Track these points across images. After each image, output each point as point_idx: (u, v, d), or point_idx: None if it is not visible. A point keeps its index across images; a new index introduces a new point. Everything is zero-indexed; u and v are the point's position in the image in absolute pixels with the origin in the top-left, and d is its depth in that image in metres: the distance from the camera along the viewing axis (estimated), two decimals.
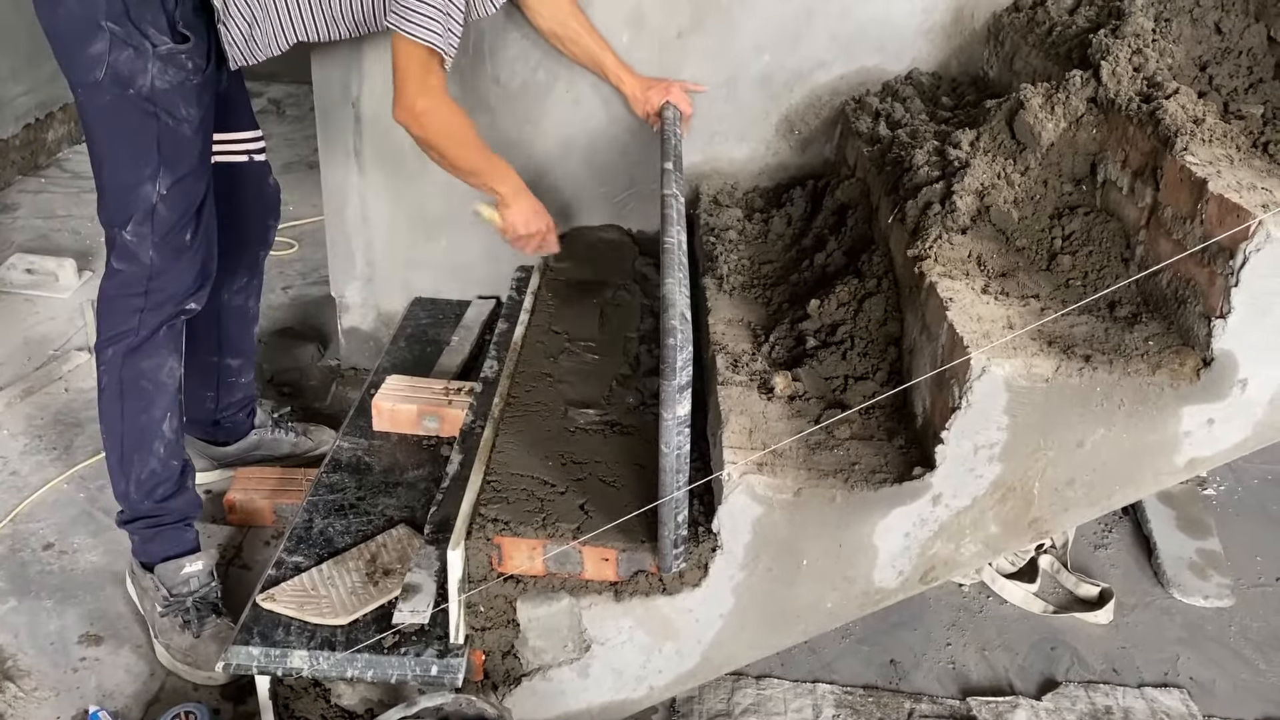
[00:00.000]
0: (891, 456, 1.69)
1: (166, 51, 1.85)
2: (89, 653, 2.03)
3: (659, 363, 1.48)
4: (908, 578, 1.70)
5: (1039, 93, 1.92)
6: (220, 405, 2.41)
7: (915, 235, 1.86)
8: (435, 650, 1.71)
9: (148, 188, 1.91)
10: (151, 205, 1.92)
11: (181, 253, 1.97)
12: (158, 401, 2.00)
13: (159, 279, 1.96)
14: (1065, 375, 1.53)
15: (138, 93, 1.85)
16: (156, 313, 1.97)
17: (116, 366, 1.98)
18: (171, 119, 1.89)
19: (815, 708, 1.97)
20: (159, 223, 1.93)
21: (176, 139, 1.91)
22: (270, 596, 1.80)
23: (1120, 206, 1.79)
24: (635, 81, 2.47)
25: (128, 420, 1.99)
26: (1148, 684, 2.08)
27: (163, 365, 2.00)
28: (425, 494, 2.10)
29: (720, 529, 1.66)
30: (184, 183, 1.94)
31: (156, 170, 1.90)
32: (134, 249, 1.94)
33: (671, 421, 1.49)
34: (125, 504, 2.04)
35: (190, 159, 1.94)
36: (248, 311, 2.42)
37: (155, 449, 2.00)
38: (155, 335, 1.97)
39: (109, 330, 1.98)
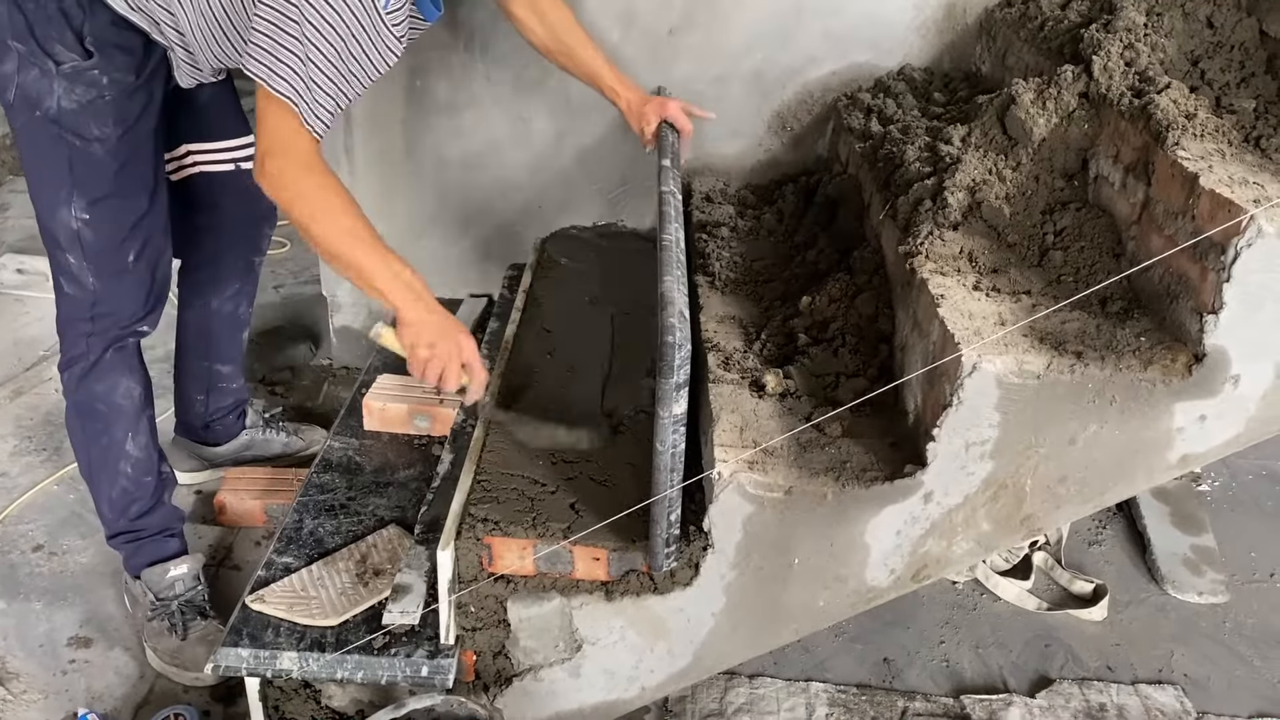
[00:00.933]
0: (883, 454, 1.68)
1: (71, 70, 1.75)
2: (78, 655, 2.02)
3: (656, 361, 1.46)
4: (900, 576, 1.69)
5: (1030, 88, 1.91)
6: (211, 409, 2.40)
7: (906, 232, 1.85)
8: (426, 651, 1.70)
9: (64, 212, 1.84)
10: (73, 230, 1.85)
11: (123, 275, 1.90)
12: (116, 423, 1.97)
13: (104, 303, 1.91)
14: (1057, 372, 1.52)
15: (45, 114, 1.77)
16: (103, 337, 1.93)
17: (72, 390, 1.97)
18: (79, 139, 1.79)
19: (808, 706, 1.96)
20: (88, 247, 1.86)
21: (88, 161, 1.81)
22: (260, 598, 1.79)
23: (1112, 202, 1.78)
24: (632, 96, 2.26)
25: (90, 443, 1.98)
26: (1142, 681, 2.08)
27: (115, 388, 1.96)
28: (416, 494, 2.09)
29: (711, 528, 1.65)
30: (105, 205, 1.85)
31: (70, 194, 1.83)
32: (76, 273, 1.88)
33: (668, 420, 1.48)
34: (103, 521, 2.04)
35: (104, 181, 1.84)
36: (238, 318, 2.38)
37: (122, 469, 1.99)
38: (102, 358, 1.94)
39: (65, 354, 1.97)
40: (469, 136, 2.67)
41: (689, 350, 1.44)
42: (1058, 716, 1.96)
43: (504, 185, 2.74)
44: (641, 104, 2.24)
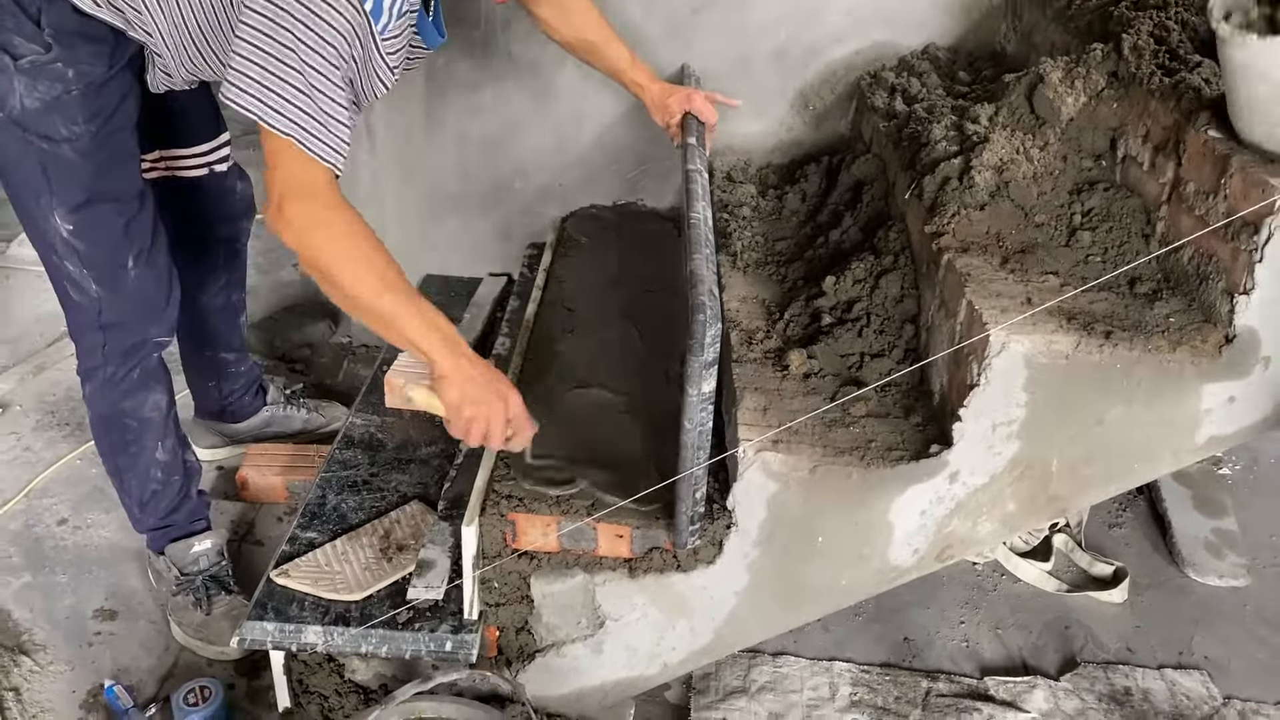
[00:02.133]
0: (908, 434, 1.68)
1: (30, 65, 1.59)
2: (104, 627, 2.04)
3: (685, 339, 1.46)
4: (923, 555, 1.69)
5: (1059, 67, 1.89)
6: (225, 393, 2.40)
7: (933, 211, 1.84)
8: (449, 626, 1.71)
9: (50, 220, 1.72)
10: (63, 239, 1.73)
11: (125, 283, 1.80)
12: (146, 435, 1.94)
13: (110, 311, 1.82)
14: (1085, 352, 1.51)
15: (8, 116, 1.62)
16: (119, 347, 1.86)
17: (96, 403, 1.91)
18: (47, 142, 1.65)
19: (832, 686, 1.97)
20: (84, 256, 1.75)
21: (61, 165, 1.67)
22: (284, 572, 1.80)
23: (1141, 182, 1.77)
24: (656, 89, 2.18)
25: (118, 451, 1.95)
26: (1165, 665, 2.07)
27: (143, 404, 1.92)
28: (438, 470, 2.09)
29: (735, 506, 1.65)
30: (90, 211, 1.72)
31: (50, 202, 1.70)
32: (79, 280, 1.79)
33: (696, 398, 1.48)
34: (131, 519, 2.05)
35: (83, 184, 1.70)
36: (232, 305, 2.33)
37: (152, 474, 1.97)
38: (130, 374, 1.88)
39: (83, 363, 1.90)
40: (489, 115, 2.66)
41: (719, 329, 1.44)
42: (1082, 699, 1.96)
43: (524, 164, 2.73)
44: (665, 96, 2.17)
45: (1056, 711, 1.94)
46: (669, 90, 2.18)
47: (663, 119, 2.20)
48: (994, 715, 1.92)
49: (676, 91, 2.18)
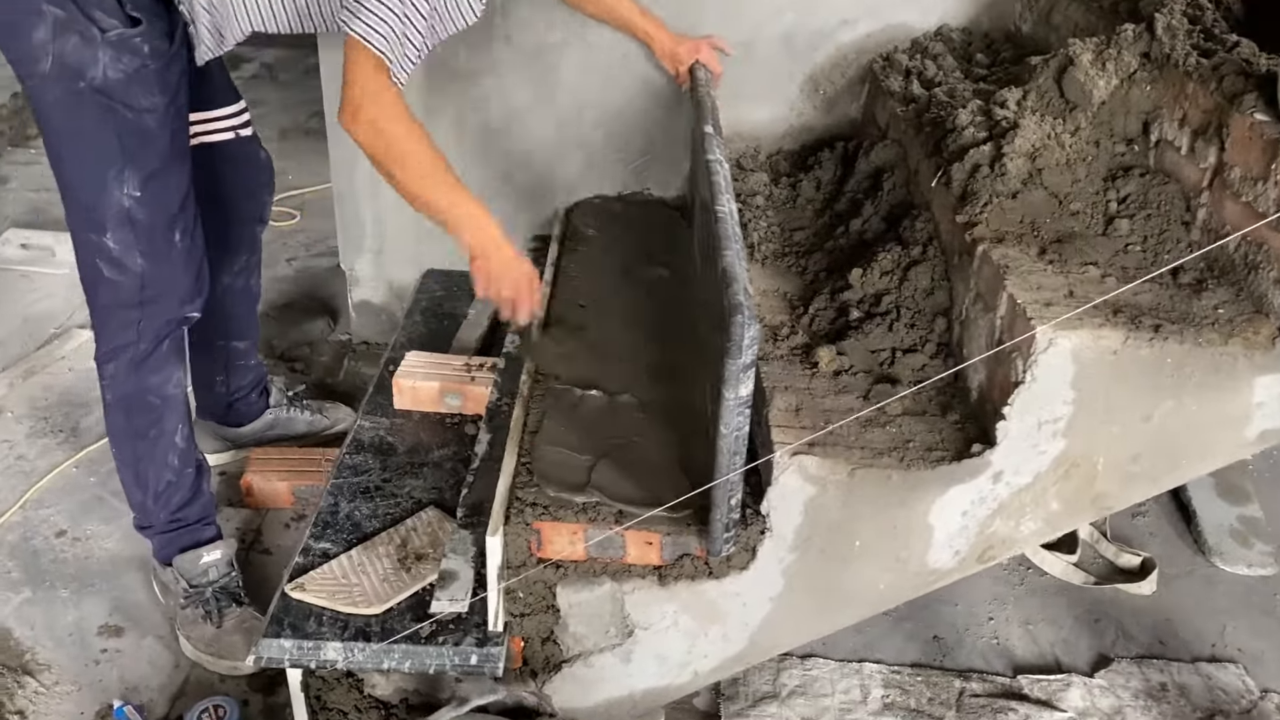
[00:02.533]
0: (947, 433, 1.62)
1: (117, 37, 1.64)
2: (110, 644, 1.97)
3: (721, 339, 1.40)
4: (964, 557, 1.64)
5: (1089, 48, 1.83)
6: (232, 389, 2.34)
7: (963, 200, 1.78)
8: (474, 639, 1.65)
9: (115, 191, 1.73)
10: (124, 209, 1.74)
11: (171, 255, 1.82)
12: (168, 415, 1.90)
13: (152, 285, 1.81)
14: (1134, 346, 1.46)
15: (90, 85, 1.65)
16: (155, 322, 1.84)
17: (121, 382, 1.87)
18: (130, 111, 1.69)
19: (863, 688, 1.92)
20: (139, 228, 1.76)
21: (140, 132, 1.72)
22: (299, 586, 1.74)
23: (1178, 167, 1.71)
24: (666, 37, 2.35)
25: (138, 435, 1.90)
26: (1199, 658, 2.04)
27: (170, 378, 1.89)
28: (453, 475, 2.03)
29: (770, 511, 1.60)
30: (157, 180, 1.76)
31: (122, 171, 1.72)
32: (120, 257, 1.78)
33: (734, 401, 1.42)
34: (141, 513, 1.97)
35: (159, 153, 1.75)
36: (250, 291, 2.31)
37: (169, 461, 1.91)
38: (159, 348, 1.85)
39: (107, 343, 1.86)
40: (488, 104, 2.58)
41: (758, 330, 1.37)
42: (1118, 696, 1.93)
43: (525, 154, 2.65)
44: (675, 45, 2.36)
45: (1093, 710, 1.90)
46: (678, 40, 2.37)
47: (672, 67, 2.39)
48: (1030, 715, 1.88)
49: (685, 41, 2.37)
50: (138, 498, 1.95)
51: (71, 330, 2.89)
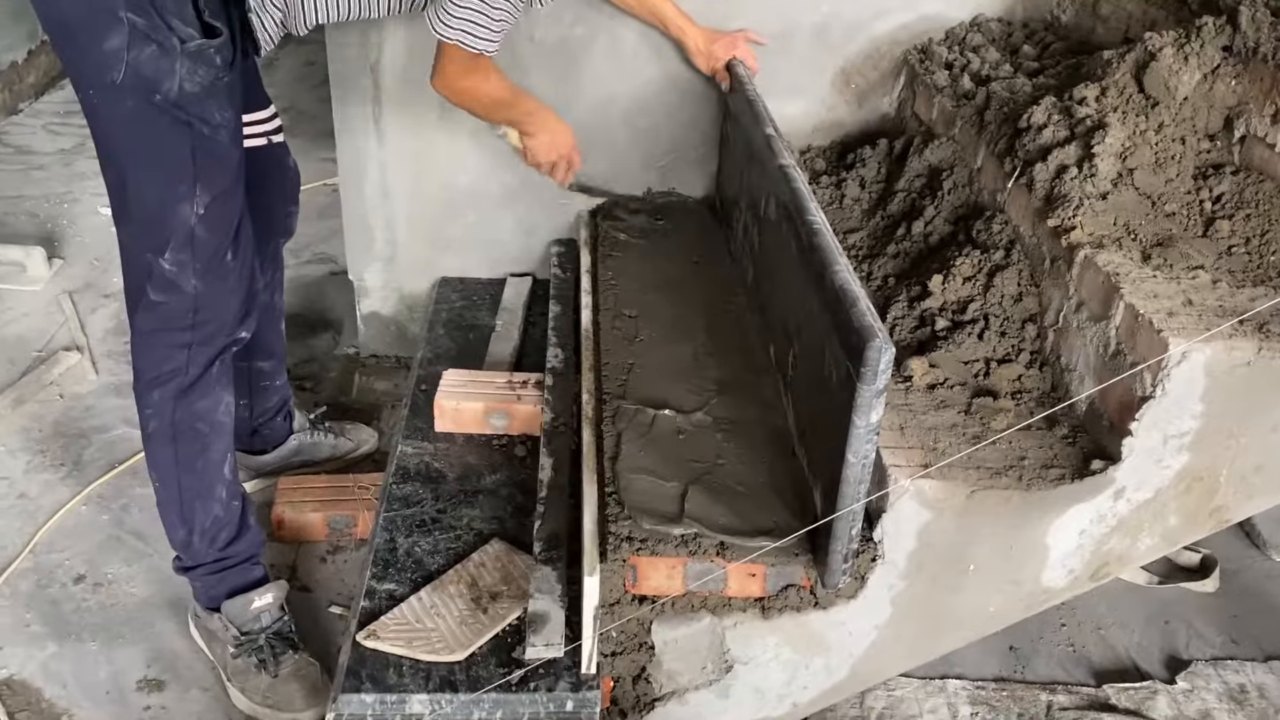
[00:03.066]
0: (1059, 449, 1.56)
1: (196, 48, 1.54)
2: (152, 700, 1.83)
3: (845, 362, 1.32)
4: (1078, 576, 1.59)
5: (1169, 42, 1.78)
6: (256, 413, 2.19)
7: (1049, 202, 1.72)
8: (568, 683, 1.56)
9: (185, 209, 1.62)
10: (189, 229, 1.63)
11: (226, 277, 1.71)
12: (215, 443, 1.77)
13: (205, 310, 1.70)
14: (1268, 357, 1.42)
15: (165, 98, 1.54)
16: (206, 347, 1.72)
17: (168, 410, 1.73)
18: (207, 126, 1.59)
19: (950, 707, 1.87)
20: (199, 247, 1.65)
21: (213, 149, 1.62)
22: (372, 633, 1.62)
23: (1271, 164, 1.67)
24: (699, 33, 2.27)
25: (184, 467, 1.76)
26: (1272, 656, 2.02)
27: (219, 404, 1.77)
28: (509, 502, 1.92)
29: (883, 538, 1.52)
30: (223, 199, 1.67)
31: (193, 188, 1.62)
32: (174, 278, 1.66)
33: (864, 429, 1.34)
34: (186, 553, 1.83)
35: (229, 171, 1.67)
36: (275, 308, 2.19)
37: (218, 493, 1.78)
38: (208, 372, 1.73)
39: (152, 370, 1.72)
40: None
41: (893, 354, 1.29)
42: (1202, 700, 1.90)
43: None
44: (710, 42, 2.28)
45: (1182, 717, 1.88)
46: (713, 36, 2.29)
47: (707, 65, 2.32)
48: None
49: (720, 37, 2.29)
50: (181, 536, 1.81)
51: (56, 353, 2.70)
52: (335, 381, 2.70)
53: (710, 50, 2.28)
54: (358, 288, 2.71)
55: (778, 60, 2.42)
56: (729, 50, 2.27)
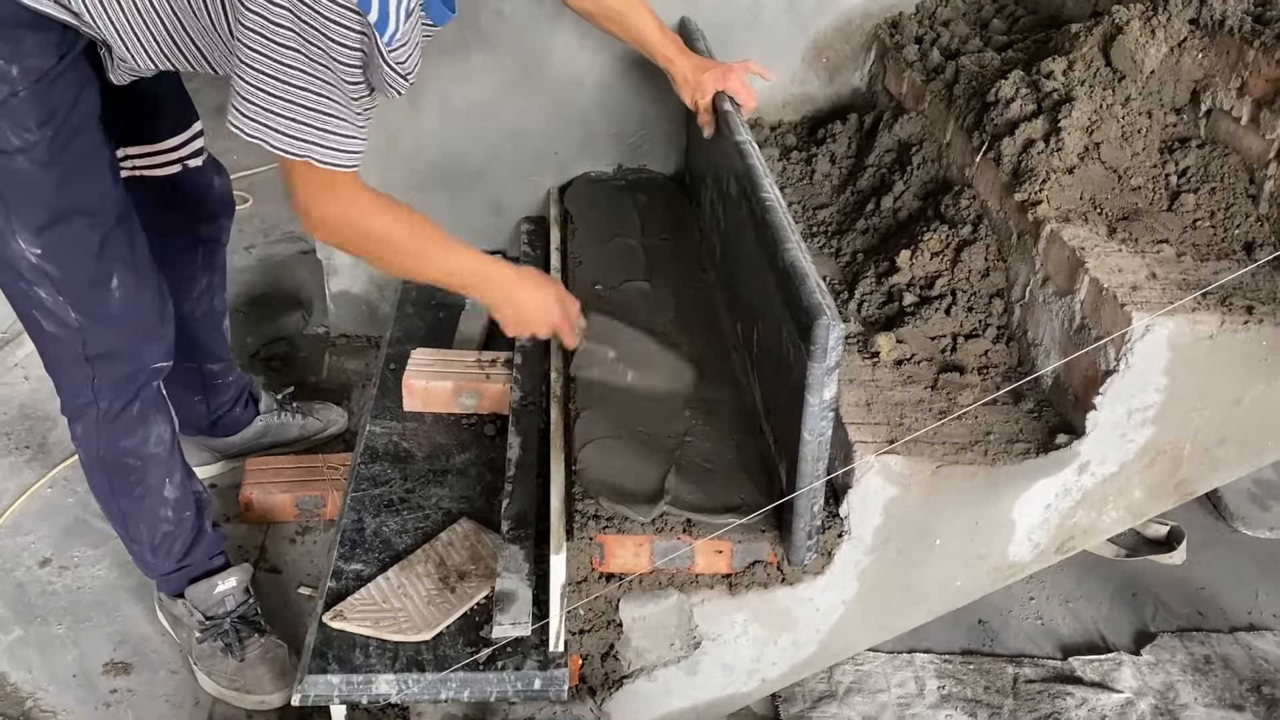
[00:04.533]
0: (1025, 423, 1.57)
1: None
2: (119, 683, 1.81)
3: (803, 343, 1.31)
4: (1044, 550, 1.60)
5: (1135, 15, 1.78)
6: (212, 407, 2.15)
7: (1017, 177, 1.72)
8: (535, 661, 1.55)
9: (14, 245, 1.46)
10: (32, 264, 1.47)
11: (109, 310, 1.56)
12: (151, 472, 1.71)
13: (96, 342, 1.58)
14: (1230, 330, 1.42)
15: None
16: (112, 380, 1.62)
17: (92, 444, 1.67)
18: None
19: (918, 680, 1.88)
20: (57, 282, 1.50)
21: (15, 179, 1.42)
22: (339, 614, 1.61)
23: (1236, 138, 1.67)
24: (687, 63, 1.95)
25: (121, 496, 1.72)
26: (1237, 627, 2.04)
27: (147, 439, 1.69)
28: (479, 481, 1.91)
29: (849, 513, 1.52)
30: (56, 229, 1.47)
31: (9, 224, 1.44)
32: (51, 308, 1.53)
33: (817, 406, 1.33)
34: (142, 565, 1.81)
35: (45, 202, 1.45)
36: (214, 312, 2.09)
37: (162, 515, 1.74)
38: (129, 408, 1.65)
39: (69, 401, 1.65)
40: (478, 79, 2.43)
41: (842, 330, 1.29)
42: (1167, 672, 1.92)
43: (516, 131, 2.51)
44: (699, 73, 1.94)
45: (1146, 689, 1.89)
46: (703, 66, 1.95)
47: (692, 98, 1.96)
48: (1087, 699, 1.86)
49: (712, 68, 1.95)
50: (135, 550, 1.78)
51: (21, 336, 2.67)
52: (306, 361, 2.68)
53: (699, 81, 1.93)
54: (327, 266, 2.68)
55: (748, 34, 2.40)
56: (719, 82, 1.92)
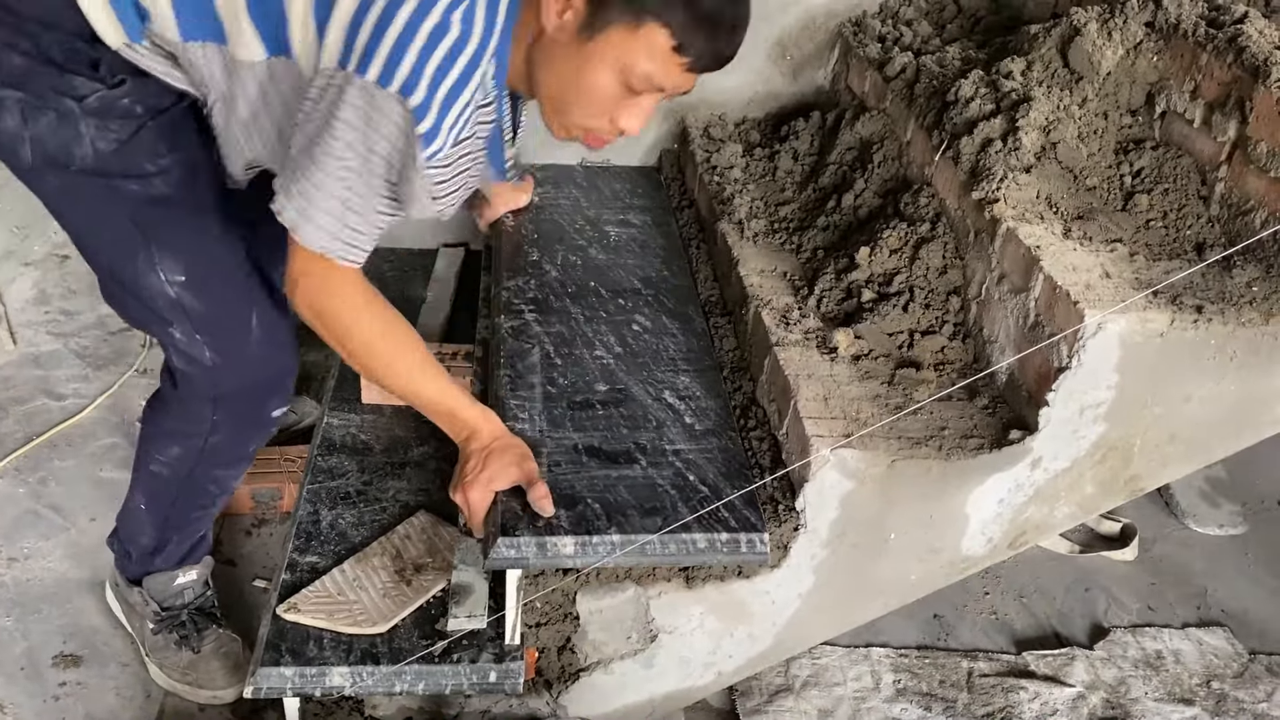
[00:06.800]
0: (979, 419, 1.58)
1: (99, 102, 1.35)
2: (68, 676, 1.79)
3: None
4: (997, 545, 1.61)
5: (1093, 17, 1.80)
6: None
7: (976, 175, 1.73)
8: (491, 654, 1.55)
9: (152, 279, 1.44)
10: (172, 299, 1.45)
11: (245, 345, 1.53)
12: (219, 499, 1.72)
13: (227, 380, 1.55)
14: (1180, 329, 1.44)
15: (82, 166, 1.37)
16: (233, 423, 1.61)
17: (184, 467, 1.64)
18: (137, 181, 1.40)
19: (874, 674, 1.89)
20: (196, 317, 1.47)
21: (154, 205, 1.42)
22: (293, 606, 1.60)
23: (1189, 140, 1.70)
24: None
25: (178, 513, 1.70)
26: (1188, 623, 2.07)
27: (239, 474, 1.72)
28: (438, 474, 1.90)
29: (805, 507, 1.53)
30: (199, 254, 1.46)
31: (151, 255, 1.43)
32: (184, 348, 1.50)
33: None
34: (124, 558, 1.78)
35: (184, 223, 1.44)
36: None
37: (194, 531, 1.76)
38: (236, 448, 1.66)
39: (177, 424, 1.62)
40: None
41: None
42: (1119, 667, 1.94)
43: None
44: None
45: (1098, 683, 1.92)
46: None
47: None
48: (1040, 693, 1.88)
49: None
50: (131, 548, 1.75)
51: None
52: None
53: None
54: None
55: None
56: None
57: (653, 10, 1.28)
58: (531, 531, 1.45)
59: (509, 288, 2.01)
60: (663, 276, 2.08)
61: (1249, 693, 1.92)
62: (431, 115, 1.27)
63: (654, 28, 1.29)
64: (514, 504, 1.49)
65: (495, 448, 1.50)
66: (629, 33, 1.30)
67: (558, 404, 1.71)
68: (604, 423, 1.68)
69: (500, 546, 1.44)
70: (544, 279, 2.05)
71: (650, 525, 1.46)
